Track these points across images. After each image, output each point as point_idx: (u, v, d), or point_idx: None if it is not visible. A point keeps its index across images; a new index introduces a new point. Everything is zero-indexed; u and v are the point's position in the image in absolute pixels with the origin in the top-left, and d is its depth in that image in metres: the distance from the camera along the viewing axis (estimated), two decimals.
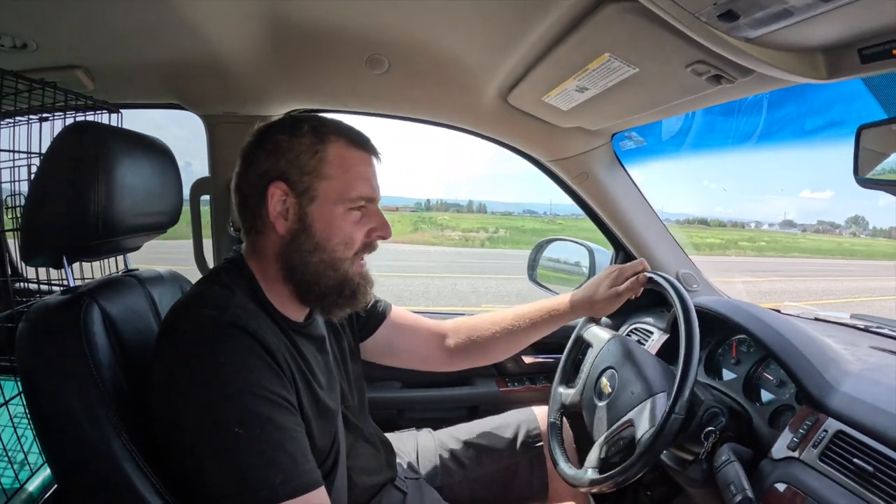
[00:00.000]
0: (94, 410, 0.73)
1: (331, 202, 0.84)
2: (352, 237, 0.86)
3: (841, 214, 74.73)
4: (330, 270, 0.86)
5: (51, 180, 0.84)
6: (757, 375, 1.16)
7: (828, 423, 0.88)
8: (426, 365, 1.24)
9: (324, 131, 0.86)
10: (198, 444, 0.69)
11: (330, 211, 0.84)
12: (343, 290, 0.88)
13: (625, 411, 1.01)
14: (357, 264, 0.89)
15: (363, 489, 1.01)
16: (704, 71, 0.86)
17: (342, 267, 0.86)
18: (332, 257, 0.85)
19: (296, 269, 0.85)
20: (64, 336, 0.76)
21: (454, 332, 1.23)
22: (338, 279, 0.87)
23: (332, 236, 0.85)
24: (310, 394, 0.86)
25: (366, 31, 1.10)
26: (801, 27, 0.68)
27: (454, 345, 1.22)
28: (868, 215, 60.11)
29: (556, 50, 0.96)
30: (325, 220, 0.85)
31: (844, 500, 0.77)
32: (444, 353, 1.22)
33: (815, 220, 60.02)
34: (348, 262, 0.87)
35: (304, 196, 0.84)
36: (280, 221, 0.84)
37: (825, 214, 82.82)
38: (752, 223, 45.02)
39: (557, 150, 1.52)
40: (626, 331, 1.54)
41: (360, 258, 0.89)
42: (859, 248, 26.97)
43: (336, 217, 0.85)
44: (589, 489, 1.00)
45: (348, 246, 0.86)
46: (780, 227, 42.78)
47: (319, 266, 0.85)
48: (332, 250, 0.85)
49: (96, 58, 1.20)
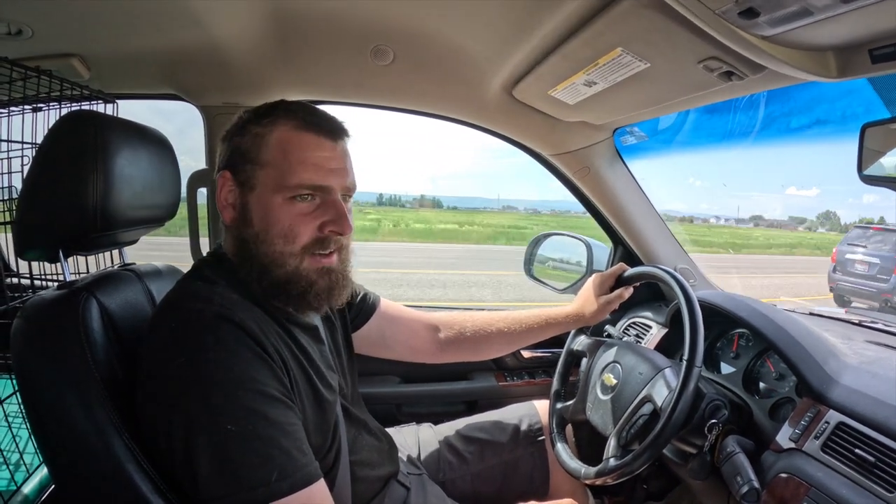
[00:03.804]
0: (92, 409, 0.71)
1: (269, 191, 0.80)
2: (293, 230, 0.80)
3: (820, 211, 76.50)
4: (274, 265, 0.80)
5: (48, 171, 0.82)
6: (756, 369, 1.18)
7: (829, 415, 0.90)
8: (415, 356, 1.25)
9: (272, 115, 0.82)
10: (189, 443, 0.67)
11: (268, 201, 0.80)
12: (290, 288, 0.81)
13: (637, 391, 1.03)
14: (312, 259, 0.82)
15: (367, 483, 1.00)
16: (717, 67, 0.87)
17: (287, 262, 0.80)
18: (273, 251, 0.80)
19: (244, 262, 0.82)
20: (61, 332, 0.74)
21: (446, 325, 1.24)
22: (284, 275, 0.81)
23: (269, 228, 0.80)
24: (306, 381, 0.84)
25: (371, 21, 1.09)
26: (817, 26, 0.68)
27: (445, 338, 1.23)
28: (849, 211, 60.91)
29: (567, 44, 0.96)
30: (263, 210, 0.80)
31: (846, 490, 0.79)
32: (435, 345, 1.23)
33: (787, 217, 61.02)
34: (294, 257, 0.81)
35: (245, 185, 0.81)
36: (227, 211, 0.83)
37: (810, 211, 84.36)
38: (712, 218, 45.68)
39: (559, 145, 1.52)
40: (625, 325, 1.56)
41: (318, 253, 0.83)
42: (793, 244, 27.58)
43: (274, 207, 0.79)
44: (611, 477, 0.99)
45: (289, 239, 0.80)
46: (737, 222, 43.35)
47: (263, 259, 0.80)
48: (272, 243, 0.80)
49: (93, 46, 1.17)
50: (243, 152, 0.81)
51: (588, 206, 1.65)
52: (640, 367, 1.07)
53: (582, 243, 1.71)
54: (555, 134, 1.47)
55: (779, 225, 43.60)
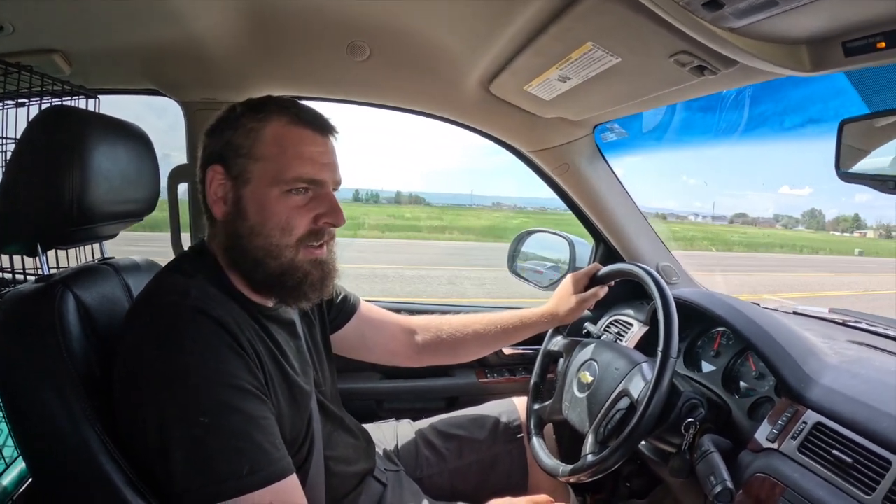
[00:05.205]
0: (67, 402, 0.71)
1: (265, 184, 0.80)
2: (289, 222, 0.81)
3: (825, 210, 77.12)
4: (269, 257, 0.81)
5: (25, 165, 0.83)
6: (736, 368, 1.17)
7: (807, 415, 0.89)
8: (393, 359, 1.25)
9: (265, 110, 0.83)
10: (162, 435, 0.67)
11: (264, 194, 0.81)
12: (286, 279, 0.83)
13: (614, 387, 1.03)
14: (306, 251, 0.84)
15: (342, 478, 0.99)
16: (688, 61, 0.85)
17: (283, 254, 0.82)
18: (269, 243, 0.81)
19: (237, 256, 0.83)
20: (37, 325, 0.74)
21: (423, 329, 1.25)
22: (279, 267, 0.82)
23: (266, 221, 0.81)
24: (281, 376, 0.84)
25: (347, 16, 1.08)
26: (786, 18, 0.67)
27: (422, 341, 1.24)
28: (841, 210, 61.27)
29: (539, 39, 0.95)
30: (259, 203, 0.81)
31: (823, 491, 0.78)
32: (413, 348, 1.24)
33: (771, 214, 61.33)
34: (290, 249, 0.82)
35: (239, 179, 0.82)
36: (218, 206, 0.83)
37: (799, 210, 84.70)
38: (691, 215, 45.81)
39: (539, 141, 1.51)
40: (606, 323, 1.55)
41: (311, 245, 0.84)
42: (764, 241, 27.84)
43: (270, 200, 0.80)
44: (586, 474, 0.98)
45: (286, 231, 0.81)
46: (713, 219, 43.45)
47: (258, 252, 0.81)
48: (268, 235, 0.81)
49: (74, 41, 1.16)
50: (236, 146, 0.81)
51: (569, 202, 1.64)
52: (616, 363, 1.06)
53: (565, 240, 1.70)
54: (534, 130, 1.46)
55: (753, 222, 43.79)
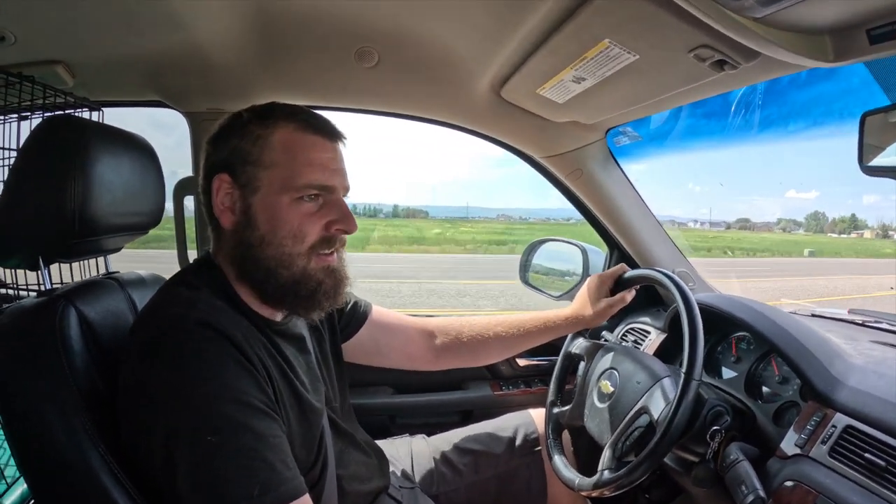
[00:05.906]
0: (69, 419, 0.70)
1: (275, 192, 0.79)
2: (301, 230, 0.80)
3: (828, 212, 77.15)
4: (281, 267, 0.80)
5: (26, 176, 0.82)
6: (759, 373, 1.14)
7: (836, 419, 0.85)
8: (412, 363, 1.22)
9: (272, 117, 0.81)
10: (169, 455, 0.64)
11: (274, 202, 0.79)
12: (299, 289, 0.81)
13: (634, 401, 1.00)
14: (318, 259, 0.82)
15: (355, 497, 0.96)
16: (708, 56, 0.84)
17: (296, 263, 0.80)
18: (281, 252, 0.79)
19: (247, 266, 0.81)
20: (38, 341, 0.73)
21: (442, 331, 1.21)
22: (292, 276, 0.80)
23: (277, 229, 0.79)
24: (291, 392, 0.82)
25: (354, 22, 1.07)
26: (811, 6, 0.66)
27: (441, 344, 1.20)
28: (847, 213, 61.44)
29: (553, 38, 0.93)
30: (269, 211, 0.79)
31: (857, 496, 0.75)
32: (431, 351, 1.20)
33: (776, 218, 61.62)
34: (302, 257, 0.81)
35: (247, 187, 0.80)
36: (226, 215, 0.81)
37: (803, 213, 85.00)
38: (690, 222, 45.93)
39: (550, 146, 1.50)
40: (623, 331, 1.52)
41: (322, 253, 0.83)
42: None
43: (281, 208, 0.79)
44: (610, 489, 0.96)
45: (298, 239, 0.80)
46: (710, 225, 43.51)
47: (269, 262, 0.79)
48: (280, 244, 0.79)
49: (77, 52, 1.16)
50: (244, 154, 0.80)
51: (582, 209, 1.62)
52: (637, 376, 1.03)
53: (578, 249, 1.68)
54: (546, 135, 1.44)
55: (751, 227, 43.71)
